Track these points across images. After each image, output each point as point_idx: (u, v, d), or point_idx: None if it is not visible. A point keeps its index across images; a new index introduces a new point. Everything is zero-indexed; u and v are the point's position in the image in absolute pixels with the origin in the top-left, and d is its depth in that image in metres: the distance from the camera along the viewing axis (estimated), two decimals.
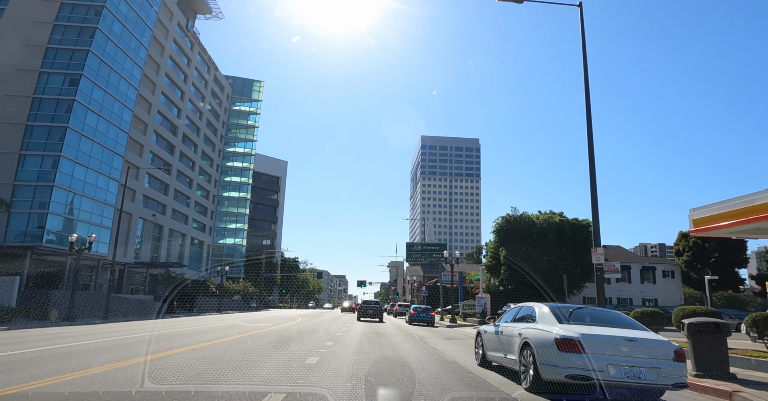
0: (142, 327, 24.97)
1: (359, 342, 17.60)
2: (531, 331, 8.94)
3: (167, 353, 12.35)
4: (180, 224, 71.14)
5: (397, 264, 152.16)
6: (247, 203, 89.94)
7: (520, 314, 10.46)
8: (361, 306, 39.38)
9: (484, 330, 11.92)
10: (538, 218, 44.66)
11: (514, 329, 9.77)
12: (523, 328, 9.38)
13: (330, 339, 18.58)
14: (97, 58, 47.69)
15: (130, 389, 7.38)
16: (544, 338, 8.32)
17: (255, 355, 12.81)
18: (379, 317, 37.79)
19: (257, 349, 14.42)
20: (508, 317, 11.03)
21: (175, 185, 68.80)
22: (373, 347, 15.82)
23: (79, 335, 18.79)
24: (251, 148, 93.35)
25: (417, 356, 13.48)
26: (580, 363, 7.58)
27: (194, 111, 76.79)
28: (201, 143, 78.91)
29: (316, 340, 17.75)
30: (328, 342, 16.82)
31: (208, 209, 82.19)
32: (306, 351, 13.62)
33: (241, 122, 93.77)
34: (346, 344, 16.57)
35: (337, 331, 24.19)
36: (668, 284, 49.42)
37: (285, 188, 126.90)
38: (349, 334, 22.30)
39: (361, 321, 35.85)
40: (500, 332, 10.62)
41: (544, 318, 9.15)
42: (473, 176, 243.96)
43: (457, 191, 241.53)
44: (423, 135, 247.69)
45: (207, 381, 8.33)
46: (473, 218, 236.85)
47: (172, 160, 68.15)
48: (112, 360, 10.66)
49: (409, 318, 37.77)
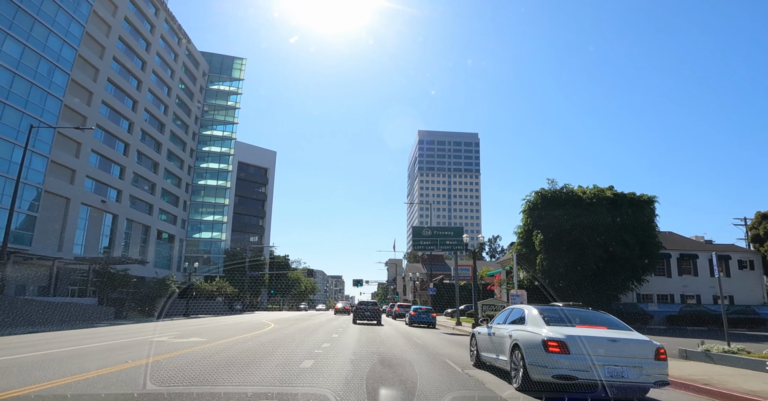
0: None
1: (351, 374, 9.79)
2: (521, 333, 9.11)
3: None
4: (142, 214, 59.78)
5: (396, 262, 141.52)
6: (227, 192, 78.56)
7: (512, 316, 10.49)
8: (357, 308, 35.76)
9: (478, 332, 12.04)
10: (585, 193, 33.48)
11: (505, 331, 9.92)
12: (513, 330, 9.54)
13: (292, 376, 9.47)
14: (12, 2, 36.62)
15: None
16: (533, 339, 8.47)
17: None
18: (376, 319, 34.54)
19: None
20: (501, 319, 11.08)
21: (134, 167, 57.47)
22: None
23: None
24: (231, 131, 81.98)
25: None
26: (566, 364, 7.81)
27: (160, 85, 65.44)
28: (170, 123, 67.58)
29: (272, 375, 9.45)
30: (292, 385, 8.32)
31: (180, 198, 70.78)
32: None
33: (220, 103, 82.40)
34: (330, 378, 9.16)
35: (319, 346, 16.91)
36: (746, 277, 38.26)
37: (274, 180, 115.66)
38: (336, 353, 14.23)
39: (357, 324, 32.35)
40: (493, 334, 10.74)
41: (533, 320, 9.26)
42: (472, 172, 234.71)
43: (456, 187, 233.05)
44: (420, 130, 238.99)
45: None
46: (473, 215, 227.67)
47: (130, 139, 56.85)
48: None
49: (409, 319, 35.78)
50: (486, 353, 11.15)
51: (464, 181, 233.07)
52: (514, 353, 8.99)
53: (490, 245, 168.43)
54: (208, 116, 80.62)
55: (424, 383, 8.91)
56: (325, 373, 9.88)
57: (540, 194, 34.63)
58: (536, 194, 34.89)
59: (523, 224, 35.98)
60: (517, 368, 8.74)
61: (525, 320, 9.57)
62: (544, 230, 33.01)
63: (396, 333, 26.16)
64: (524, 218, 35.86)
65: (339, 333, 23.03)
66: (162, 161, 64.99)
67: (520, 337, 8.98)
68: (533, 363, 8.18)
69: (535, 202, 34.60)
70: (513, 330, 9.59)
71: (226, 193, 78.26)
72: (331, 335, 22.36)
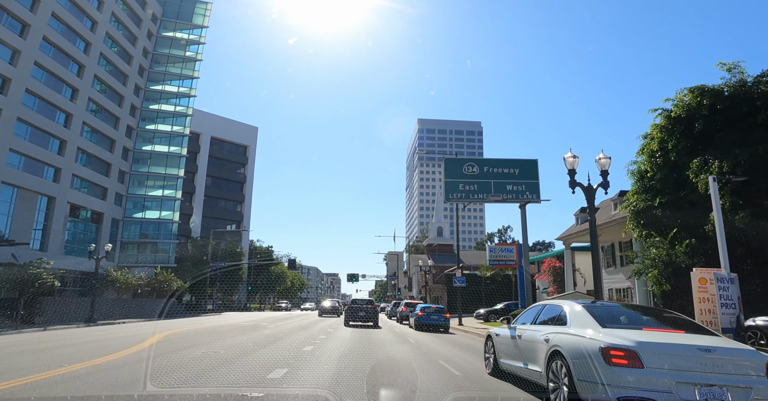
0: None
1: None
2: (563, 337, 6.72)
3: None
4: (39, 180, 41.52)
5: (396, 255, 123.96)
6: (181, 161, 59.91)
7: (544, 314, 8.09)
8: (350, 307, 28.10)
9: (496, 333, 9.59)
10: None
11: (538, 333, 7.49)
12: (550, 333, 7.12)
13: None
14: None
15: None
16: (584, 346, 6.10)
17: None
18: (373, 321, 27.21)
19: None
20: (528, 317, 8.65)
21: (20, 112, 39.16)
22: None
23: None
24: (190, 87, 63.42)
25: None
26: (637, 381, 5.47)
27: (78, 15, 47.12)
28: (93, 66, 49.21)
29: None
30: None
31: (113, 166, 52.30)
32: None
33: (177, 53, 63.92)
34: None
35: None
36: None
37: (255, 159, 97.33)
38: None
39: (349, 326, 25.77)
40: (518, 336, 8.30)
41: (579, 319, 6.87)
42: None
43: None
44: (420, 118, 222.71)
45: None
46: (477, 207, 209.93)
47: (11, 71, 38.58)
48: None
49: (415, 321, 26.17)
50: (508, 360, 8.67)
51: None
52: (553, 363, 6.63)
53: (500, 237, 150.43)
54: (159, 68, 62.16)
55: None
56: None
57: (698, 94, 16.38)
58: (692, 94, 16.66)
59: (653, 147, 17.78)
60: (558, 383, 6.41)
61: (566, 319, 7.09)
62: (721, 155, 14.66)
63: (412, 351, 14.69)
64: (659, 134, 17.70)
65: (301, 359, 11.30)
66: (79, 113, 46.61)
67: (562, 343, 6.57)
68: (585, 378, 5.85)
69: (690, 103, 16.33)
70: (550, 332, 7.09)
71: (181, 162, 59.72)
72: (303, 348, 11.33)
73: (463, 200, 20.32)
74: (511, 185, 20.40)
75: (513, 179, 20.47)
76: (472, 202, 20.43)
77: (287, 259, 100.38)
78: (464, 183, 20.47)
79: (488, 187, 20.27)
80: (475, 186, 20.35)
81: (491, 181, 20.35)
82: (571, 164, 14.59)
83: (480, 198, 20.31)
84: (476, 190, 20.32)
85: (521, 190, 20.30)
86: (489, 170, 20.53)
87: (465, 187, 20.39)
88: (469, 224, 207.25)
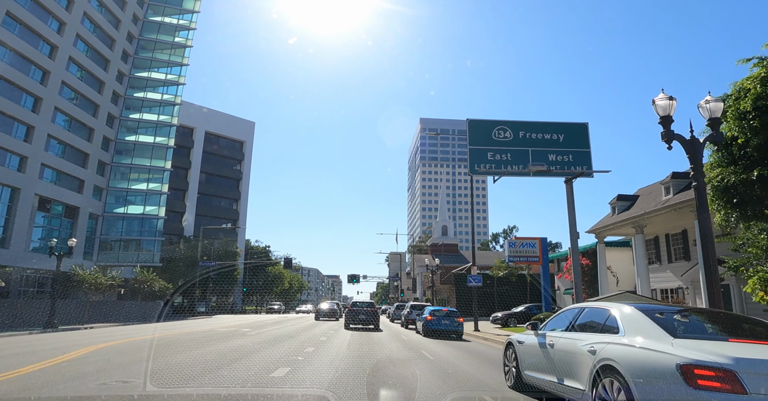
0: None
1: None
2: (617, 349, 5.27)
3: None
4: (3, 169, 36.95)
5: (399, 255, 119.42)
6: (168, 152, 55.17)
7: (583, 319, 6.67)
8: (350, 310, 28.19)
9: (519, 341, 8.21)
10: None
11: (578, 342, 6.10)
12: (596, 342, 5.70)
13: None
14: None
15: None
16: (651, 362, 4.75)
17: None
18: (374, 323, 27.25)
19: None
20: (559, 323, 7.27)
21: None
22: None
23: None
24: (179, 74, 58.87)
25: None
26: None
27: None
28: (68, 48, 44.68)
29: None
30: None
31: (91, 156, 47.67)
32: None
33: (165, 39, 59.37)
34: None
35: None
36: None
37: (252, 155, 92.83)
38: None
39: (350, 329, 25.36)
40: (549, 345, 6.89)
41: (638, 326, 5.37)
42: None
43: (461, 178, 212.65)
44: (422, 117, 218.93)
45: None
46: (480, 208, 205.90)
47: None
48: None
49: (424, 326, 22.62)
50: (535, 373, 7.26)
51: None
52: (604, 381, 5.23)
53: (506, 237, 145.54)
54: (145, 54, 57.58)
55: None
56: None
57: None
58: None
59: (744, 118, 13.15)
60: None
61: (618, 326, 5.61)
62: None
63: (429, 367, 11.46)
64: (741, 101, 13.04)
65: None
66: (50, 97, 42.04)
67: (617, 356, 5.15)
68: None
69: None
70: (595, 342, 5.68)
71: (168, 153, 54.96)
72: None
73: (492, 173, 15.49)
74: (554, 154, 15.56)
75: (557, 147, 15.64)
76: (503, 175, 15.57)
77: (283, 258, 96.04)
78: (494, 151, 15.65)
79: (525, 156, 15.50)
80: (507, 155, 15.53)
81: (529, 149, 15.56)
82: (664, 109, 9.84)
83: (514, 171, 15.44)
84: (509, 160, 15.49)
85: (568, 161, 15.53)
86: (526, 135, 15.74)
87: (495, 156, 15.57)
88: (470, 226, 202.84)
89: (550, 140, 15.81)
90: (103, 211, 49.61)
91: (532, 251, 27.27)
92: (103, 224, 49.35)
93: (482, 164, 15.55)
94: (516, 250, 27.61)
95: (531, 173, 15.48)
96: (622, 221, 23.77)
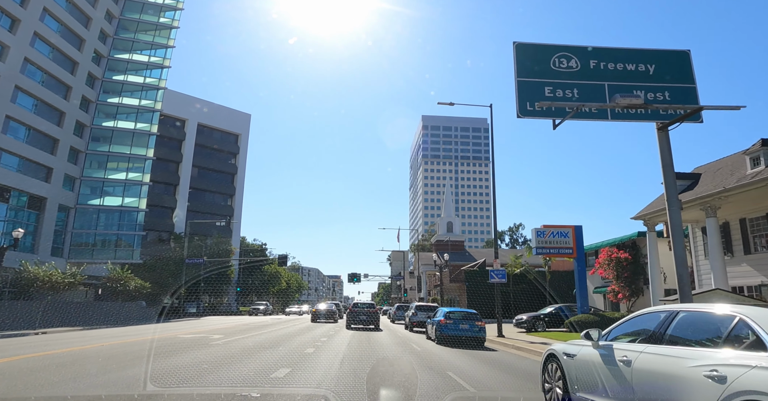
0: None
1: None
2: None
3: None
4: None
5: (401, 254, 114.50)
6: (150, 140, 50.08)
7: (680, 326, 4.62)
8: (351, 311, 29.16)
9: (567, 353, 6.14)
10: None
11: (685, 361, 4.11)
12: (724, 364, 3.72)
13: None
14: None
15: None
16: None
17: None
18: (374, 323, 28.28)
19: None
20: (633, 331, 5.39)
21: None
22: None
23: None
24: (163, 57, 53.84)
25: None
26: None
27: None
28: (34, 23, 39.75)
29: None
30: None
31: (61, 142, 42.65)
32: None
33: (149, 19, 54.37)
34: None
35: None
36: None
37: (247, 149, 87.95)
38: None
39: (351, 329, 26.08)
40: (623, 361, 4.90)
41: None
42: (482, 160, 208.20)
43: (464, 176, 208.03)
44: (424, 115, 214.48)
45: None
46: (483, 206, 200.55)
47: None
48: None
49: (438, 331, 18.30)
50: (597, 397, 5.20)
51: (473, 169, 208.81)
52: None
53: (511, 235, 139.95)
54: (126, 35, 52.57)
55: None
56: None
57: None
58: None
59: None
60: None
61: (763, 338, 3.66)
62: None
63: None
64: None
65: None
66: (10, 75, 37.05)
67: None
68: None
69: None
70: (720, 363, 3.72)
71: (150, 141, 49.88)
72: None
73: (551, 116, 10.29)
74: (641, 90, 10.27)
75: (645, 81, 10.39)
76: (571, 116, 10.29)
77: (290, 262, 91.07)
78: (554, 86, 10.40)
79: (599, 92, 10.30)
80: (574, 90, 10.28)
81: (605, 83, 10.36)
82: None
83: (586, 113, 10.17)
84: (576, 97, 10.27)
85: (663, 98, 10.41)
86: (599, 65, 10.42)
87: (556, 92, 10.34)
88: (475, 223, 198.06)
89: (635, 72, 10.68)
90: (75, 203, 44.57)
91: (564, 241, 22.22)
92: (75, 217, 44.33)
93: (536, 103, 10.29)
94: (545, 240, 22.52)
95: (616, 111, 10.29)
96: (685, 203, 18.67)
